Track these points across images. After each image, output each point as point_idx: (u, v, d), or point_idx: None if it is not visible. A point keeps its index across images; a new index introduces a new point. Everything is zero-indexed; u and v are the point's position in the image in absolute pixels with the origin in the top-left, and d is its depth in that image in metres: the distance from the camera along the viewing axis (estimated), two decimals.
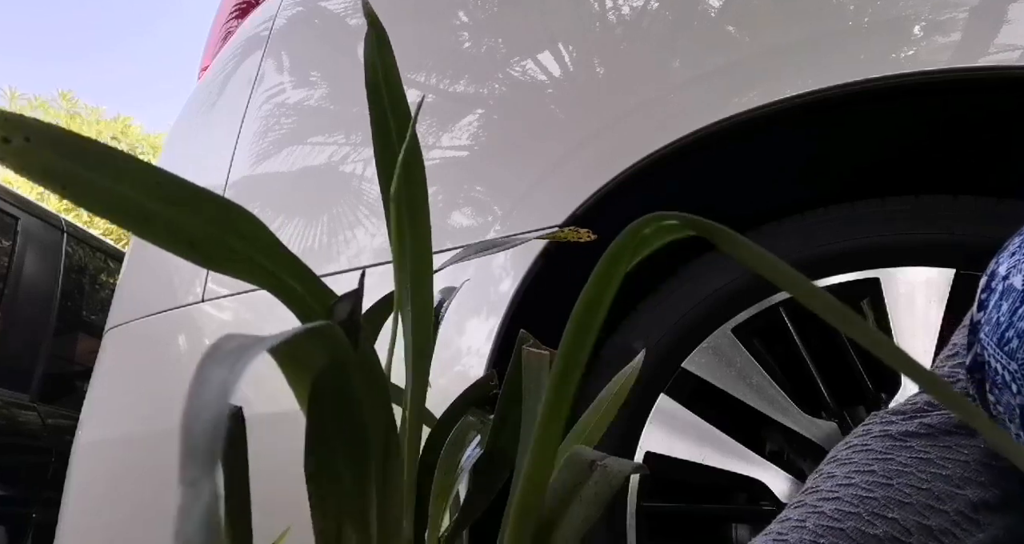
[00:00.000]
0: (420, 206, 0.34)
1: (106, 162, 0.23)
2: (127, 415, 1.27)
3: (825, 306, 0.19)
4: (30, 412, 3.30)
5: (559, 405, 0.28)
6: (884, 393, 0.85)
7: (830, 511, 0.44)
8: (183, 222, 0.25)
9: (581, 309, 0.27)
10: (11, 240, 3.41)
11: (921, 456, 0.46)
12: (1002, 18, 0.76)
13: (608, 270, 0.26)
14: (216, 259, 0.27)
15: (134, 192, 0.24)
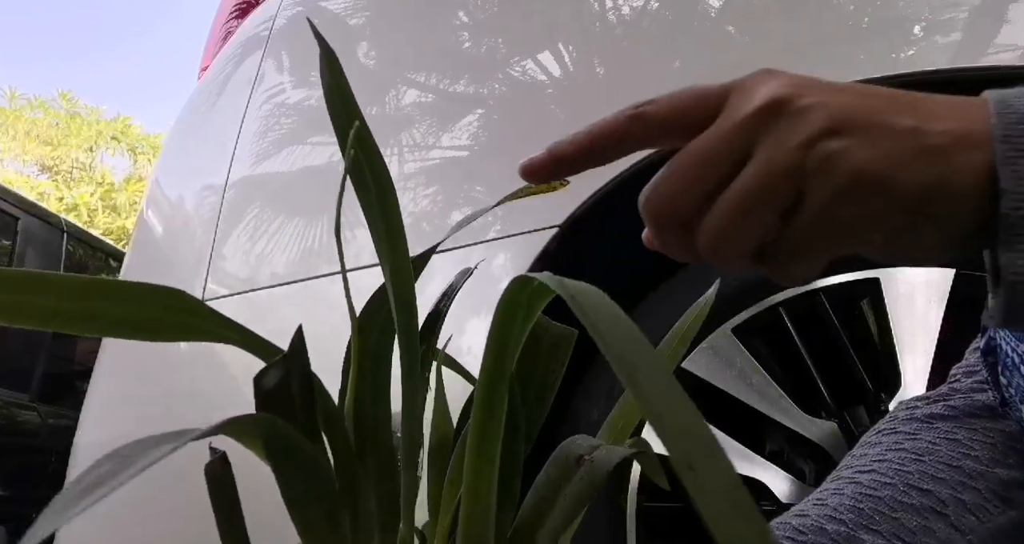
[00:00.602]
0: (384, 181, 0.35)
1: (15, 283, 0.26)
2: (127, 415, 1.27)
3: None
4: (30, 412, 3.30)
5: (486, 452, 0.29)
6: (884, 393, 0.85)
7: (867, 482, 0.45)
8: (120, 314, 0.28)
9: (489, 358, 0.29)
10: (11, 240, 3.41)
11: (948, 437, 0.48)
12: (1002, 18, 0.76)
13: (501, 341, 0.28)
14: (161, 335, 0.30)
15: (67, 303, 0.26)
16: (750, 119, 0.33)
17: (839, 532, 0.42)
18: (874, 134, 0.32)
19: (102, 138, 13.36)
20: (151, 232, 1.48)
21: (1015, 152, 0.31)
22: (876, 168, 0.31)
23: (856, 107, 0.33)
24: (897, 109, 0.33)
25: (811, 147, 0.32)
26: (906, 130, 0.32)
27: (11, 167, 12.45)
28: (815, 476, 0.87)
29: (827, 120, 0.32)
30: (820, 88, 0.34)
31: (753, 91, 0.34)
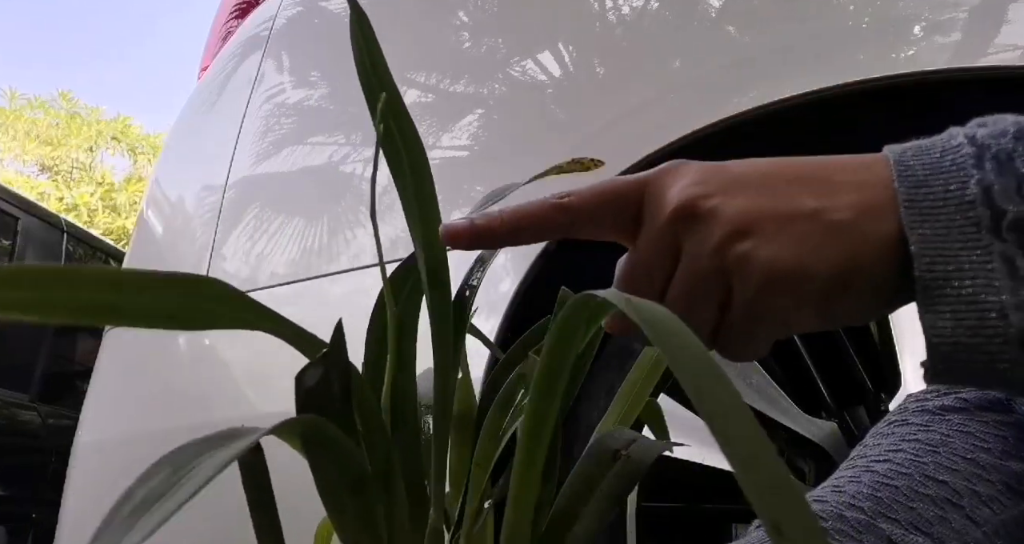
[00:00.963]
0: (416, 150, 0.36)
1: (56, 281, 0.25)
2: (127, 415, 1.27)
3: None
4: (30, 412, 3.30)
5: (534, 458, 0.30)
6: (884, 393, 0.85)
7: (883, 471, 0.46)
8: (153, 303, 0.28)
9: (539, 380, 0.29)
10: (11, 240, 3.41)
11: (961, 429, 0.48)
12: (1002, 18, 0.76)
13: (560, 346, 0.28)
14: (193, 324, 0.29)
15: (100, 295, 0.26)
16: (666, 228, 0.35)
17: (858, 520, 0.43)
18: (776, 227, 0.33)
19: (102, 138, 13.35)
20: (151, 232, 1.48)
21: (920, 217, 0.31)
22: (785, 261, 0.33)
23: (755, 201, 0.34)
24: (797, 191, 0.34)
25: (722, 252, 0.34)
26: (808, 214, 0.33)
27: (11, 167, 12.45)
28: (815, 476, 0.87)
29: (730, 223, 0.33)
30: (722, 184, 0.35)
31: (663, 195, 0.36)
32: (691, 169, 0.36)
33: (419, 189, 0.35)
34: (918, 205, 0.31)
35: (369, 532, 0.32)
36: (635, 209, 0.37)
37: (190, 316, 0.29)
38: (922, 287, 0.31)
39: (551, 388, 0.30)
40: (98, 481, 1.26)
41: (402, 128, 0.36)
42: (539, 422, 0.30)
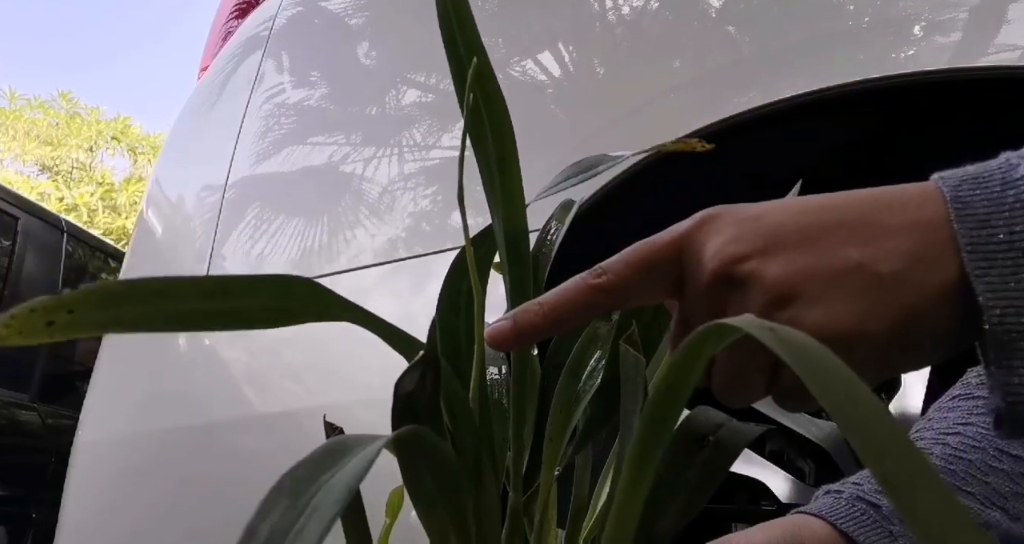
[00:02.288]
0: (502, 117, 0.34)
1: (149, 294, 0.26)
2: (127, 415, 1.27)
3: None
4: (30, 412, 3.30)
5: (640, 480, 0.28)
6: (884, 393, 0.85)
7: (955, 443, 0.45)
8: (244, 308, 0.28)
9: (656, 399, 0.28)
10: (11, 240, 3.41)
11: None
12: (1002, 18, 0.76)
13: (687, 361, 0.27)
14: (282, 323, 0.30)
15: (190, 304, 0.27)
16: (707, 294, 0.33)
17: None
18: (821, 288, 0.30)
19: (102, 138, 13.35)
20: (151, 232, 1.48)
21: (986, 263, 0.28)
22: (835, 325, 0.30)
23: (796, 260, 0.31)
24: (840, 241, 0.31)
25: (771, 317, 0.31)
26: (853, 267, 0.30)
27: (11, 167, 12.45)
28: (815, 476, 0.87)
29: (771, 290, 0.31)
30: (758, 240, 0.32)
31: (700, 254, 0.34)
32: (725, 223, 0.34)
33: (502, 160, 0.34)
34: (982, 249, 0.28)
35: (457, 524, 0.31)
36: (675, 271, 0.35)
37: (283, 316, 0.29)
38: (994, 342, 0.28)
39: (664, 418, 0.29)
40: (98, 481, 1.26)
41: (488, 93, 0.34)
42: (650, 442, 0.29)
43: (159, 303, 0.25)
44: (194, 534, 1.09)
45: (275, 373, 1.11)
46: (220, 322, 0.28)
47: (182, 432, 1.16)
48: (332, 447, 0.23)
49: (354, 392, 0.99)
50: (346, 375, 1.03)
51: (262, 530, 0.19)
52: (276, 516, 0.20)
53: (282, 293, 0.29)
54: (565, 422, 0.35)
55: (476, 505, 0.32)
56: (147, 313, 0.25)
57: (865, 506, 0.41)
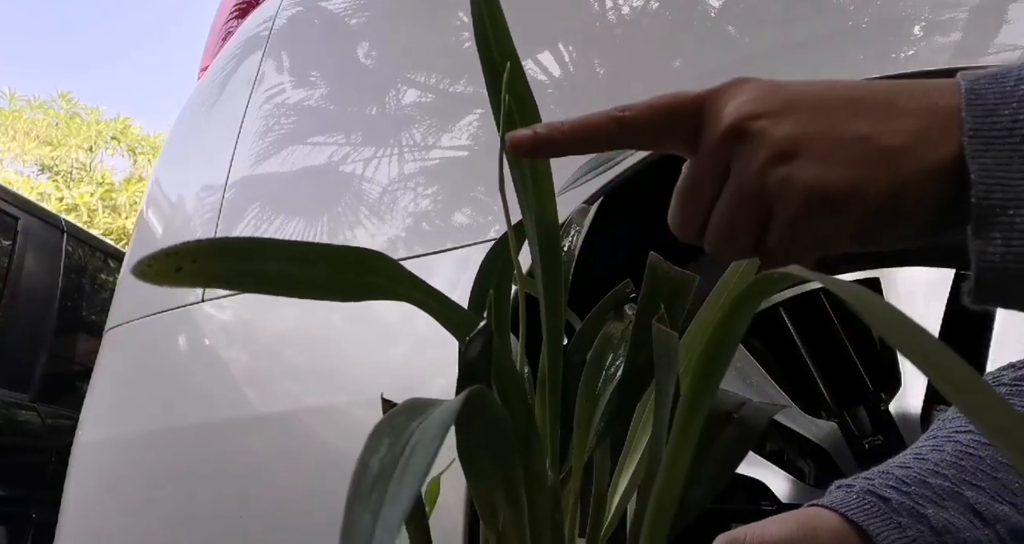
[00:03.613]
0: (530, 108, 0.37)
1: (258, 253, 0.29)
2: (127, 415, 1.27)
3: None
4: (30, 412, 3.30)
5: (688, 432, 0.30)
6: (884, 393, 0.85)
7: (966, 441, 0.46)
8: (324, 276, 0.30)
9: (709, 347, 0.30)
10: (11, 240, 3.41)
11: None
12: (1002, 18, 0.76)
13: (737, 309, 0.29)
14: (355, 296, 0.32)
15: (285, 267, 0.29)
16: (718, 146, 0.36)
17: (942, 487, 0.43)
18: (823, 150, 0.33)
19: (102, 138, 13.34)
20: (151, 232, 1.48)
21: (983, 146, 0.31)
22: (828, 184, 0.33)
23: (806, 124, 0.34)
24: (852, 114, 0.33)
25: (764, 174, 0.34)
26: (858, 138, 0.33)
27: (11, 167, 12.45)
28: (815, 476, 0.87)
29: (775, 146, 0.34)
30: (776, 104, 0.35)
31: (721, 111, 0.36)
32: (750, 86, 0.36)
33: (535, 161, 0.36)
34: (983, 135, 0.31)
35: (508, 492, 0.33)
36: (694, 123, 0.37)
37: (356, 288, 0.31)
38: (977, 214, 0.31)
39: (715, 364, 0.30)
40: (98, 481, 1.26)
41: (521, 97, 0.37)
42: (700, 394, 0.31)
43: (263, 263, 0.28)
44: (194, 533, 1.09)
45: (275, 373, 1.11)
46: (301, 288, 0.30)
47: (182, 432, 1.15)
48: (412, 404, 0.25)
49: (354, 392, 0.99)
50: (346, 375, 1.03)
51: (373, 463, 0.21)
52: (383, 451, 0.22)
53: (356, 264, 0.30)
54: (591, 411, 0.37)
55: (527, 473, 0.33)
56: (251, 271, 0.28)
57: (875, 499, 0.42)
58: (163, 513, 1.14)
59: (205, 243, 0.27)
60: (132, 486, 1.20)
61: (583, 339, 0.41)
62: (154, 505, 1.15)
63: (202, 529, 1.08)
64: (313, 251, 0.30)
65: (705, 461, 0.33)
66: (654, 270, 0.37)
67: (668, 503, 0.32)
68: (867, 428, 0.85)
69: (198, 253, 0.27)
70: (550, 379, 0.36)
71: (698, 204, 0.37)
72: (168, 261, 0.27)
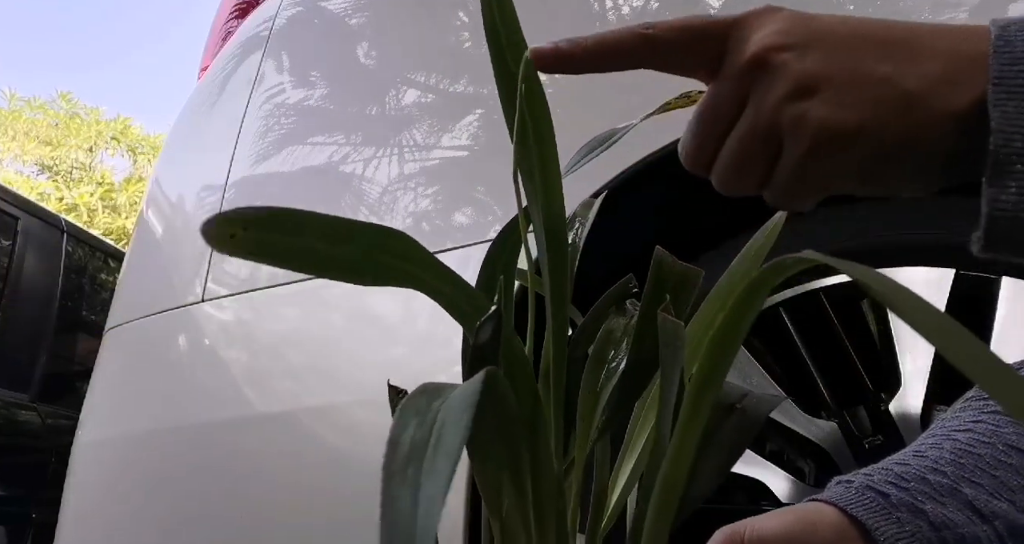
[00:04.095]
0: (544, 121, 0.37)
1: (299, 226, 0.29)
2: (127, 415, 1.27)
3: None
4: (30, 412, 3.31)
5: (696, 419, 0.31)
6: (884, 393, 0.85)
7: (964, 440, 0.46)
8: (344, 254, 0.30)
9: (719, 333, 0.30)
10: (11, 240, 3.41)
11: None
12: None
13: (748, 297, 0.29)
14: (371, 278, 0.31)
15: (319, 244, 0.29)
16: (739, 75, 0.35)
17: (941, 483, 0.43)
18: (842, 89, 0.33)
19: (102, 138, 13.34)
20: (151, 232, 1.48)
21: (1006, 94, 0.31)
22: (841, 123, 0.32)
23: (829, 60, 0.33)
24: (878, 54, 0.33)
25: (780, 108, 0.33)
26: (880, 79, 0.32)
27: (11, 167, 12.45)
28: (815, 476, 0.87)
29: (794, 80, 0.33)
30: (802, 37, 0.34)
31: (747, 39, 0.35)
32: (779, 16, 0.36)
33: (543, 155, 0.37)
34: (1008, 83, 0.31)
35: (514, 477, 0.33)
36: (719, 48, 0.36)
37: (377, 269, 0.30)
38: (994, 161, 0.31)
39: (727, 347, 0.31)
40: (98, 481, 1.26)
41: (531, 91, 0.36)
42: (710, 377, 0.31)
43: (302, 238, 0.28)
44: (194, 533, 1.09)
45: (275, 373, 1.11)
46: (325, 267, 0.30)
47: (182, 432, 1.15)
48: (426, 387, 0.25)
49: (354, 392, 0.99)
50: (346, 375, 1.03)
51: (404, 440, 0.21)
52: (412, 430, 0.22)
53: (377, 243, 0.30)
54: (594, 404, 0.37)
55: (532, 459, 0.33)
56: (289, 246, 0.28)
57: (874, 494, 0.42)
58: (163, 513, 1.14)
59: (258, 213, 0.28)
60: (132, 486, 1.20)
61: (585, 333, 0.41)
62: (154, 505, 1.15)
63: (202, 529, 1.08)
64: (339, 225, 0.29)
65: (709, 452, 0.33)
66: (660, 263, 0.37)
67: (672, 492, 0.32)
68: (867, 428, 0.85)
69: (248, 222, 0.27)
70: (554, 370, 0.36)
71: (712, 134, 0.37)
72: (226, 226, 0.27)
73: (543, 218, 0.36)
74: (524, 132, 0.36)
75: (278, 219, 0.29)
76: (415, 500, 0.18)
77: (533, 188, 0.36)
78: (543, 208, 0.36)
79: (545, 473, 0.34)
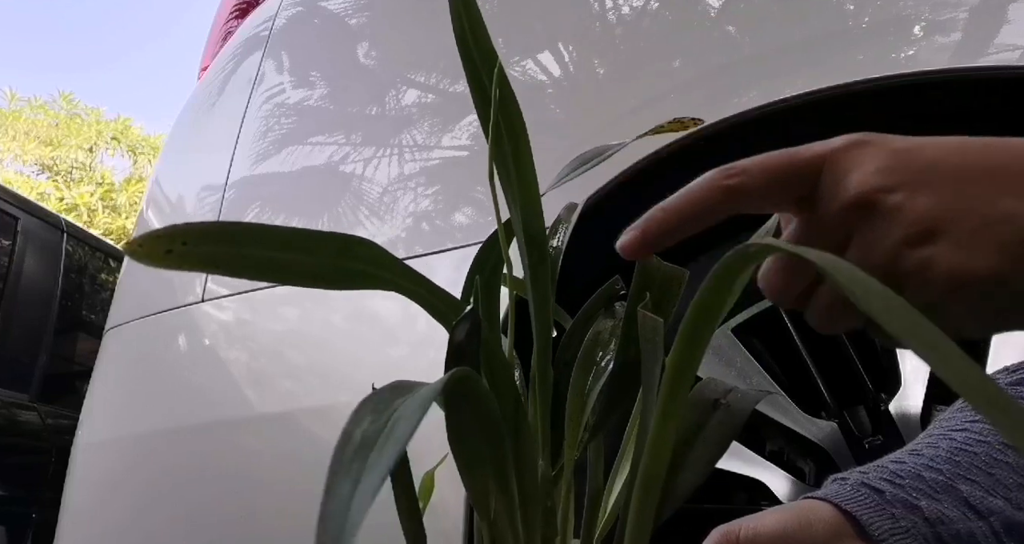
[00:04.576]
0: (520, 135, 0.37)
1: (244, 236, 0.29)
2: (127, 415, 1.27)
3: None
4: (30, 412, 3.31)
5: (671, 409, 0.31)
6: (884, 393, 0.85)
7: (961, 438, 0.45)
8: (309, 262, 0.31)
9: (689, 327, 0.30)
10: (11, 240, 3.41)
11: None
12: (1002, 18, 0.76)
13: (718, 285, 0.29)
14: (340, 284, 0.32)
15: (270, 252, 0.30)
16: (840, 216, 0.33)
17: (936, 480, 0.43)
18: (968, 231, 0.30)
19: (102, 139, 13.34)
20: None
21: None
22: (975, 270, 0.29)
23: (946, 199, 0.30)
24: (996, 186, 0.30)
25: (901, 254, 0.31)
26: (1006, 217, 0.30)
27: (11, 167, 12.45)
28: (815, 476, 0.87)
29: (915, 224, 0.30)
30: (911, 175, 0.31)
31: (844, 178, 0.33)
32: (876, 151, 0.33)
33: (518, 158, 0.36)
34: None
35: (496, 475, 0.33)
36: (810, 186, 0.34)
37: (345, 275, 0.31)
38: None
39: (697, 339, 0.30)
40: (98, 481, 1.26)
41: (504, 97, 0.37)
42: (682, 369, 0.31)
43: (249, 246, 0.29)
44: (194, 533, 1.09)
45: (275, 373, 1.11)
46: (290, 274, 0.30)
47: (182, 432, 1.15)
48: (397, 384, 0.26)
49: (354, 392, 0.99)
50: (346, 375, 1.03)
51: (356, 434, 0.22)
52: (365, 425, 0.22)
53: (343, 250, 0.31)
54: (583, 404, 0.37)
55: (516, 460, 0.34)
56: (237, 255, 0.29)
57: (869, 491, 0.43)
58: (163, 513, 1.14)
59: (196, 225, 0.28)
60: (132, 486, 1.19)
61: (573, 336, 0.41)
62: (154, 505, 1.15)
63: (202, 529, 1.08)
64: (299, 236, 0.30)
65: (695, 445, 0.33)
66: (644, 264, 0.37)
67: (653, 486, 0.32)
68: (867, 428, 0.85)
69: (188, 235, 0.27)
70: (539, 372, 0.36)
71: (804, 273, 0.34)
72: (158, 242, 0.27)
73: (522, 222, 0.36)
74: (499, 136, 0.36)
75: (219, 232, 0.29)
76: (352, 494, 0.19)
77: (511, 193, 0.36)
78: (522, 212, 0.36)
79: (529, 475, 0.34)
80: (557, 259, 0.41)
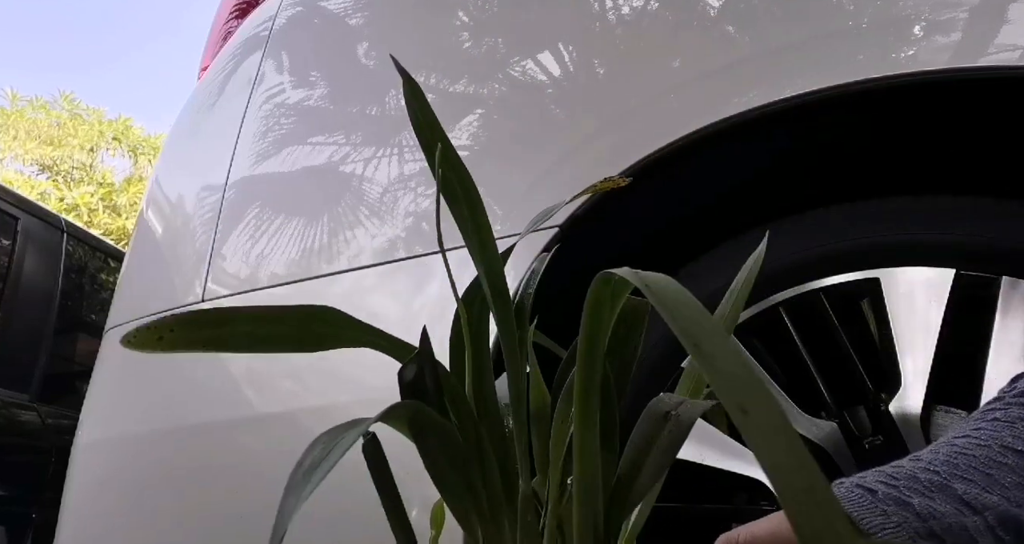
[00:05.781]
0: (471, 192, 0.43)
1: (222, 319, 0.34)
2: (127, 415, 1.27)
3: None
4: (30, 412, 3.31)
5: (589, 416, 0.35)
6: (884, 393, 0.85)
7: (961, 444, 0.47)
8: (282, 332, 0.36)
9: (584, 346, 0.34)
10: (11, 240, 3.41)
11: None
12: (1002, 18, 0.76)
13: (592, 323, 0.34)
14: (311, 347, 0.37)
15: (246, 327, 0.35)
16: None
17: (932, 480, 0.44)
18: None
19: (103, 139, 13.34)
20: (151, 232, 1.48)
21: None
22: None
23: None
24: None
25: None
26: None
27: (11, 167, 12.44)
28: None
29: None
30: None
31: None
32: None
33: (475, 220, 0.42)
34: None
35: (472, 500, 0.37)
36: None
37: (314, 338, 0.36)
38: None
39: (592, 354, 0.35)
40: (98, 481, 1.26)
41: (456, 169, 0.43)
42: (586, 383, 0.35)
43: (227, 326, 0.34)
44: (194, 533, 1.09)
45: (275, 373, 1.11)
46: (268, 344, 0.35)
47: (182, 432, 1.15)
48: (354, 421, 0.31)
49: (354, 392, 0.99)
50: (346, 375, 1.03)
51: (307, 460, 0.28)
52: (316, 453, 0.28)
53: (309, 319, 0.35)
54: (564, 433, 0.40)
55: (486, 485, 0.38)
56: (219, 334, 0.34)
57: (862, 491, 0.43)
58: (163, 513, 1.14)
59: (179, 315, 0.33)
60: (132, 486, 1.19)
61: (568, 366, 0.44)
62: (154, 505, 1.15)
63: (202, 529, 1.08)
64: (270, 312, 0.35)
65: (651, 453, 0.37)
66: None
67: (590, 491, 0.35)
68: (867, 428, 0.85)
69: (175, 324, 0.33)
70: (513, 410, 0.40)
71: None
72: (150, 333, 0.33)
73: (487, 282, 0.40)
74: (455, 199, 0.43)
75: (202, 319, 0.34)
76: (288, 511, 0.25)
77: (473, 248, 0.42)
78: (486, 275, 0.41)
79: (507, 498, 0.38)
80: (529, 299, 0.45)
